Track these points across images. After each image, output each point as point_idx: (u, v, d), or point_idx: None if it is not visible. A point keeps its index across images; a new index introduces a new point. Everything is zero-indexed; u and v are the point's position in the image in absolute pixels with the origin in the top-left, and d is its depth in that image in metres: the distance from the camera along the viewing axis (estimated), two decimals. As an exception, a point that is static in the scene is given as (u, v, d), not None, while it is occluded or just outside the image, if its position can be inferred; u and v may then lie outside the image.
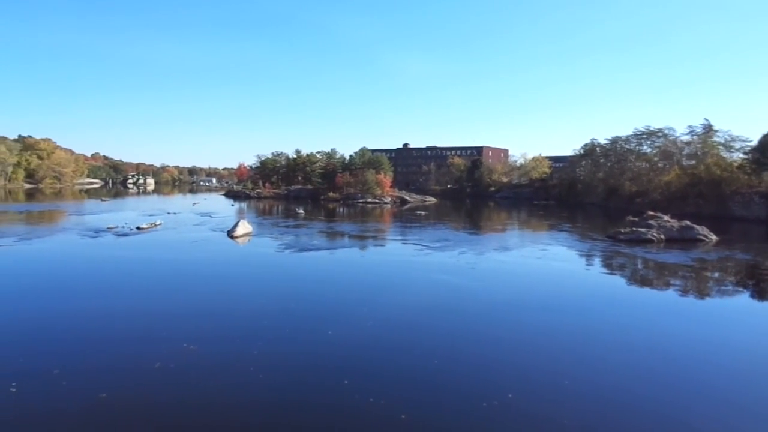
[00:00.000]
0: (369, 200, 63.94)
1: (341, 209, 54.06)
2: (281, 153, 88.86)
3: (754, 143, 48.45)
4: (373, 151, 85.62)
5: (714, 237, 26.42)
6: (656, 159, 62.22)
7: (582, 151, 76.33)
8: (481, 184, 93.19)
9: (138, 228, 28.47)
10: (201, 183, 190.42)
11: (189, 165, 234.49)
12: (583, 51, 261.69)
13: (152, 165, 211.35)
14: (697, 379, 8.30)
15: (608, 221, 38.77)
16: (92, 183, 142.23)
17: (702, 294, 15.89)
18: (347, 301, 13.38)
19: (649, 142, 64.07)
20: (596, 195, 65.50)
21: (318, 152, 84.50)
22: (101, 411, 6.64)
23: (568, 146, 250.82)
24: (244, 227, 27.39)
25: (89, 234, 26.17)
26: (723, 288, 17.05)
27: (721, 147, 54.12)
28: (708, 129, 55.80)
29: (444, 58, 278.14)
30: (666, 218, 28.18)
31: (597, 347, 9.97)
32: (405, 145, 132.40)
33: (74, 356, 8.71)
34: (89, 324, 10.69)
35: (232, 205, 57.74)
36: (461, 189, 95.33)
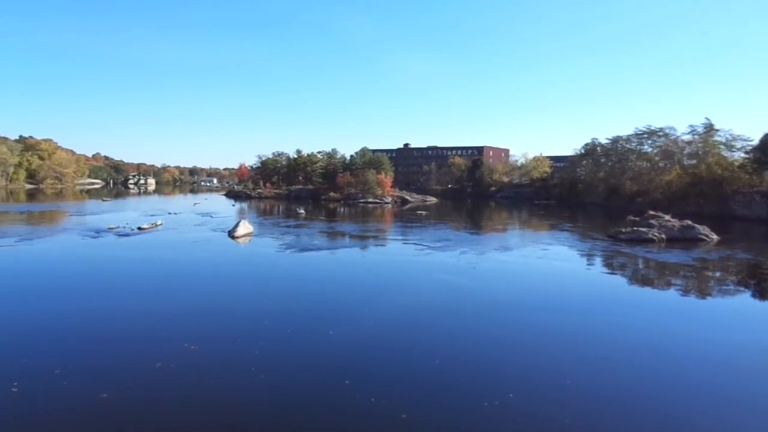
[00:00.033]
0: (370, 200, 63.96)
1: (342, 209, 54.07)
2: (282, 153, 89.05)
3: (755, 142, 48.52)
4: (374, 151, 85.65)
5: (715, 236, 26.42)
6: (657, 158, 62.20)
7: (583, 151, 76.34)
8: (482, 184, 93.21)
9: (139, 228, 28.50)
10: (202, 183, 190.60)
11: (190, 165, 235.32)
12: (584, 51, 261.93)
13: (153, 165, 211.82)
14: (699, 379, 8.29)
15: (609, 221, 38.76)
16: (93, 183, 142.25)
17: (703, 294, 15.88)
18: (348, 301, 13.39)
19: (650, 142, 64.11)
20: (597, 195, 65.50)
21: (319, 152, 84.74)
22: (102, 411, 6.65)
23: (569, 146, 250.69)
24: (245, 227, 27.41)
25: (90, 234, 26.20)
26: (724, 287, 17.03)
27: (723, 146, 54.18)
28: (709, 128, 55.79)
29: (445, 58, 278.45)
30: (667, 218, 28.18)
31: (598, 347, 9.96)
32: (406, 145, 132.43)
33: (75, 356, 8.72)
34: (90, 324, 10.70)
35: (233, 206, 57.75)
36: (462, 189, 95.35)
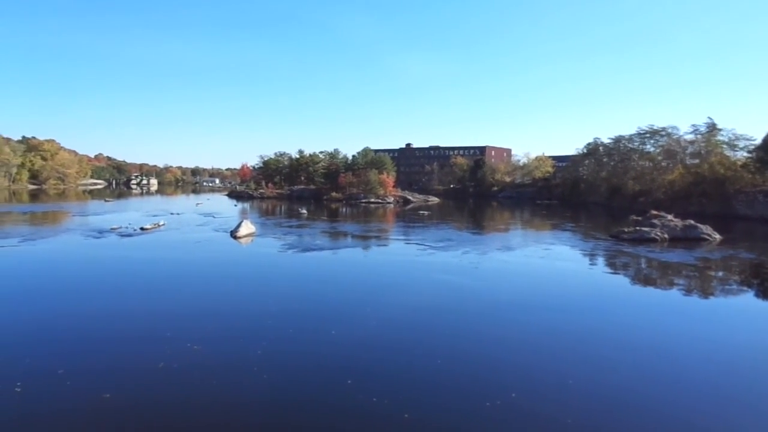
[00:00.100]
0: (372, 200, 63.97)
1: (344, 209, 54.08)
2: (284, 153, 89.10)
3: (758, 142, 48.39)
4: (376, 151, 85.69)
5: (718, 236, 26.35)
6: (660, 158, 62.03)
7: (585, 151, 76.15)
8: (484, 184, 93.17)
9: (141, 228, 28.56)
10: (204, 183, 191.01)
11: (192, 165, 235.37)
12: (585, 51, 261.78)
13: (155, 165, 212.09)
14: (702, 379, 8.27)
15: (611, 220, 38.71)
16: (96, 184, 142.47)
17: (706, 293, 15.84)
18: (350, 301, 13.39)
19: (653, 141, 63.93)
20: (599, 194, 65.37)
21: (321, 152, 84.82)
22: (105, 411, 6.66)
23: (571, 146, 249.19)
24: (247, 227, 27.44)
25: (93, 234, 26.27)
26: (727, 287, 16.98)
27: (725, 146, 54.05)
28: (712, 128, 55.66)
29: (446, 58, 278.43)
30: (669, 217, 28.10)
31: (600, 347, 9.94)
32: (408, 145, 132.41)
33: (78, 356, 8.74)
34: (93, 324, 10.72)
35: (235, 206, 57.85)
36: (464, 189, 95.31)
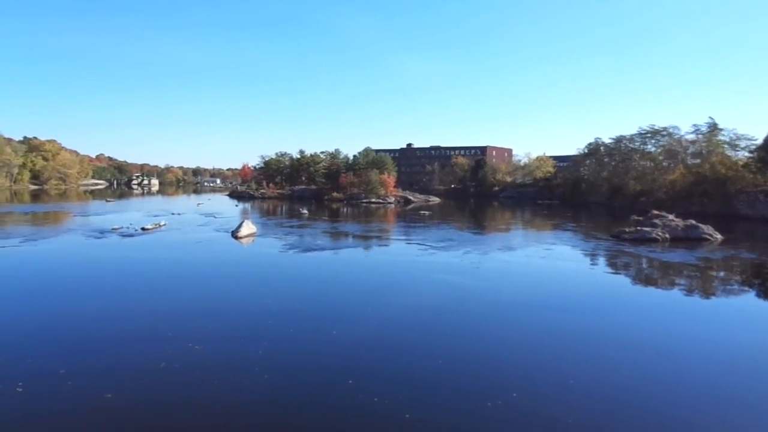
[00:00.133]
0: (373, 200, 63.98)
1: (345, 209, 54.08)
2: (285, 153, 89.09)
3: (760, 142, 48.36)
4: (377, 151, 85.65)
5: (719, 236, 26.32)
6: (661, 158, 62.00)
7: (586, 151, 76.11)
8: (485, 184, 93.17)
9: (143, 229, 28.57)
10: (205, 183, 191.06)
11: (193, 166, 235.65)
12: (586, 51, 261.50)
13: (156, 166, 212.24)
14: (703, 379, 8.26)
15: (612, 220, 38.67)
16: (97, 184, 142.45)
17: (707, 293, 15.82)
18: (351, 301, 13.39)
19: (654, 141, 63.92)
20: (600, 194, 65.34)
21: (322, 152, 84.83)
22: (106, 411, 6.66)
23: (572, 145, 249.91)
24: (248, 228, 27.45)
25: (94, 235, 26.29)
26: (728, 287, 16.97)
27: (726, 146, 53.99)
28: (713, 128, 55.61)
29: (447, 58, 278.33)
30: (671, 217, 28.08)
31: (602, 347, 9.94)
32: (409, 145, 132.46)
33: (80, 356, 8.74)
34: (94, 324, 10.73)
35: (236, 206, 57.87)
36: (465, 189, 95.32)
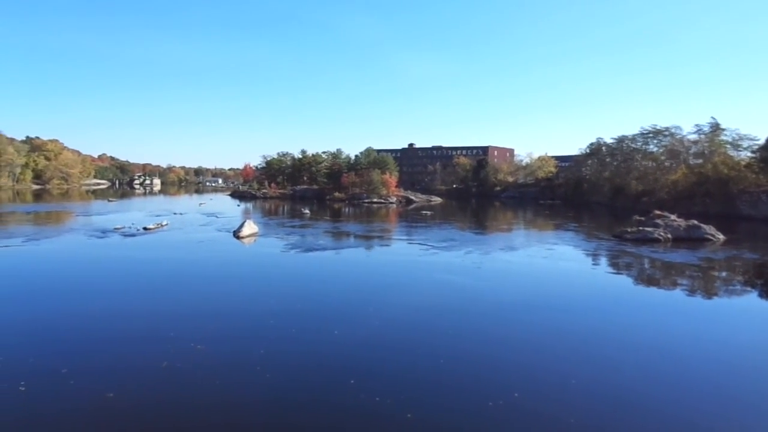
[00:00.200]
0: (374, 200, 63.97)
1: (347, 209, 54.10)
2: (287, 153, 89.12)
3: (762, 142, 48.20)
4: (379, 151, 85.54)
5: (721, 236, 26.27)
6: (663, 158, 61.85)
7: (588, 151, 75.91)
8: (487, 184, 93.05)
9: (145, 228, 28.63)
10: (207, 183, 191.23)
11: (195, 165, 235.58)
12: (587, 51, 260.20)
13: (158, 166, 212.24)
14: (705, 379, 8.25)
15: (615, 220, 38.61)
16: (99, 184, 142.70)
17: (709, 293, 15.80)
18: (353, 301, 13.40)
19: (656, 141, 63.72)
20: (602, 194, 65.20)
21: (323, 152, 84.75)
22: (109, 410, 6.68)
23: (574, 145, 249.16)
24: (250, 227, 27.49)
25: (96, 234, 26.35)
26: (731, 287, 16.94)
27: (729, 146, 53.82)
28: (715, 128, 55.46)
29: (448, 58, 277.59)
30: (673, 217, 28.04)
31: (604, 347, 9.93)
32: (410, 145, 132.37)
33: (82, 356, 8.77)
34: (97, 324, 10.76)
35: (238, 206, 57.91)
36: (467, 189, 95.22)
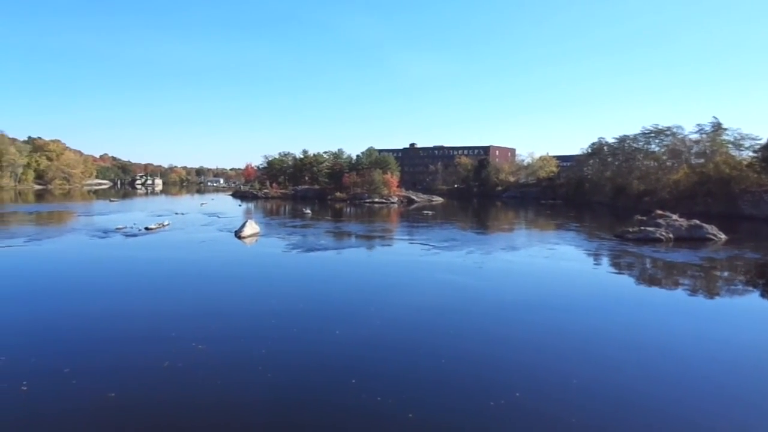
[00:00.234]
0: (376, 200, 63.97)
1: (348, 209, 54.11)
2: (288, 153, 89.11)
3: (764, 141, 48.13)
4: (380, 151, 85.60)
5: (723, 236, 26.23)
6: (665, 158, 61.73)
7: (589, 150, 75.81)
8: (488, 184, 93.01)
9: (146, 228, 28.68)
10: (209, 183, 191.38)
11: (197, 165, 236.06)
12: (587, 52, 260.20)
13: (160, 166, 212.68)
14: (707, 378, 8.24)
15: (616, 220, 38.56)
16: (101, 184, 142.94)
17: (711, 293, 15.78)
18: (354, 301, 13.41)
19: (658, 141, 63.59)
20: (604, 194, 65.12)
21: (325, 152, 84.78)
22: (110, 410, 6.70)
23: (576, 145, 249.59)
24: (252, 227, 27.51)
25: (98, 234, 26.39)
26: (732, 287, 16.92)
27: (731, 145, 53.71)
28: (717, 127, 55.33)
29: (450, 58, 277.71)
30: (674, 217, 27.99)
31: (605, 346, 9.93)
32: (412, 145, 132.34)
33: (83, 355, 8.79)
34: (98, 323, 10.78)
35: (240, 206, 57.94)
36: (468, 188, 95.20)
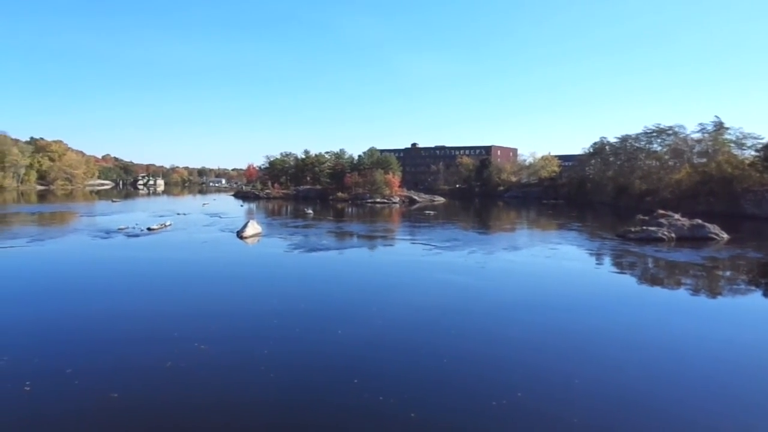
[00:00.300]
0: (378, 200, 63.97)
1: (350, 209, 54.12)
2: (290, 153, 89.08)
3: (766, 140, 48.10)
4: (382, 151, 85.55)
5: (725, 235, 26.19)
6: (667, 157, 61.62)
7: (591, 150, 75.69)
8: (490, 184, 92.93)
9: (148, 229, 28.72)
10: (210, 184, 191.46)
11: (198, 166, 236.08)
12: (589, 51, 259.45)
13: (162, 166, 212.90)
14: (709, 378, 8.23)
15: (618, 220, 38.51)
16: (103, 184, 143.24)
17: (713, 293, 15.75)
18: (356, 301, 13.42)
19: (660, 140, 63.50)
20: (606, 194, 65.00)
21: (327, 152, 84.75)
22: (113, 410, 6.71)
23: (578, 145, 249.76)
24: (254, 228, 27.54)
25: (100, 235, 26.44)
26: (734, 287, 16.89)
27: (733, 144, 53.66)
28: (719, 126, 55.25)
29: (451, 58, 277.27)
30: (677, 217, 27.95)
31: (607, 346, 9.92)
32: (413, 145, 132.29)
33: (86, 356, 8.81)
34: (101, 324, 10.80)
35: (242, 206, 57.97)
36: (470, 188, 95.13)
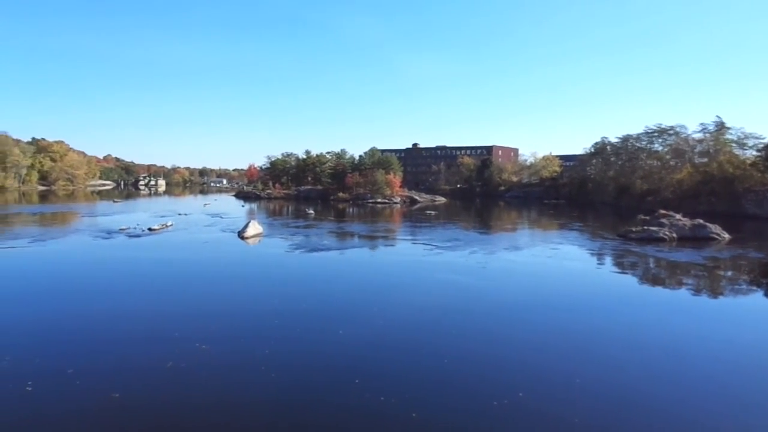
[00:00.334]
0: (379, 200, 63.99)
1: (351, 209, 54.14)
2: (291, 154, 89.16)
3: (767, 140, 48.00)
4: (383, 151, 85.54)
5: (727, 235, 26.17)
6: (668, 157, 61.61)
7: (592, 150, 75.74)
8: (491, 184, 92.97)
9: (150, 229, 28.74)
10: (211, 184, 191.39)
11: (199, 166, 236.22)
12: (589, 51, 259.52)
13: (163, 166, 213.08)
14: (710, 378, 8.22)
15: (619, 220, 38.49)
16: (104, 185, 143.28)
17: (715, 293, 15.73)
18: (357, 301, 13.42)
19: (661, 140, 63.53)
20: (607, 194, 65.01)
21: (328, 153, 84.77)
22: (114, 410, 6.72)
23: (579, 145, 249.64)
24: (255, 228, 27.54)
25: (102, 235, 26.46)
26: (736, 286, 16.87)
27: (734, 144, 53.66)
28: (720, 126, 55.24)
29: (453, 58, 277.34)
30: (678, 217, 27.93)
31: (608, 346, 9.92)
32: (414, 145, 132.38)
33: (87, 356, 8.81)
34: (102, 324, 10.81)
35: (243, 206, 57.97)
36: (471, 188, 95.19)
